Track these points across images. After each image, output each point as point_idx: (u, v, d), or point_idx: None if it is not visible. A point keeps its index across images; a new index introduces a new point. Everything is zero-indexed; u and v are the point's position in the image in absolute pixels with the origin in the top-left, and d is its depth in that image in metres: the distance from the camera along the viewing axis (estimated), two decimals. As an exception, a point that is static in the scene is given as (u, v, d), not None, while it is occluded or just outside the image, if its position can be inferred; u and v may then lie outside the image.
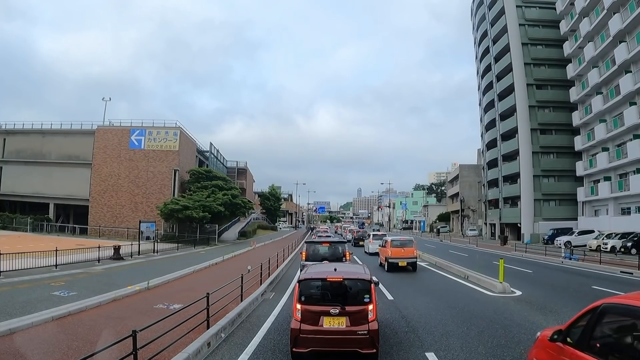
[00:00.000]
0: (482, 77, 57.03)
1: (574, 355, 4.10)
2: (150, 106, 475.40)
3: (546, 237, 39.21)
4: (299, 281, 6.92)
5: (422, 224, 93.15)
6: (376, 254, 24.93)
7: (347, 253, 14.46)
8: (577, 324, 4.37)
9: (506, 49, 48.24)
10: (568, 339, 4.33)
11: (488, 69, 53.96)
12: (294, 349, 6.41)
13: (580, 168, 40.65)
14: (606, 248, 27.97)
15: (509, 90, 47.95)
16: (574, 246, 28.83)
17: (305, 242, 16.73)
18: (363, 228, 64.88)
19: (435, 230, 71.95)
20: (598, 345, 3.99)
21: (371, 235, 30.88)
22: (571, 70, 42.13)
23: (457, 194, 70.56)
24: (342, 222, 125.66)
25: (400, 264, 18.87)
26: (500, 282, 13.45)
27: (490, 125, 54.30)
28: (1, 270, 15.11)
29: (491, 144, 54.34)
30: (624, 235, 29.05)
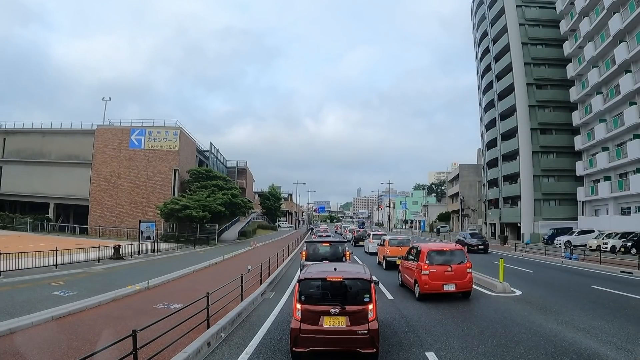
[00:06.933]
0: (482, 77, 56.98)
1: (403, 262, 14.08)
2: (162, 109, 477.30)
3: (546, 236, 39.19)
4: (299, 281, 6.92)
5: (422, 223, 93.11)
6: (376, 253, 25.05)
7: (347, 253, 14.46)
8: (407, 253, 13.99)
9: (506, 49, 48.20)
10: (404, 256, 14.15)
11: (488, 68, 53.92)
12: (294, 349, 6.41)
13: (580, 168, 40.64)
14: (606, 248, 27.94)
15: (509, 89, 47.92)
16: (574, 246, 28.80)
17: (305, 241, 16.72)
18: (363, 228, 64.85)
19: (435, 230, 71.91)
20: (407, 255, 14.01)
21: (371, 235, 30.91)
22: (571, 70, 42.11)
23: (457, 194, 70.53)
24: (342, 222, 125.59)
25: (397, 262, 19.19)
26: (501, 282, 13.44)
27: (490, 125, 54.26)
28: (1, 270, 15.11)
29: (491, 144, 54.31)
30: (624, 235, 29.03)
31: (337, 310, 6.37)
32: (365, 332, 6.29)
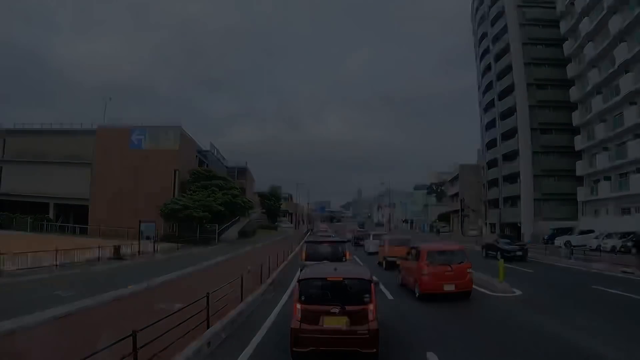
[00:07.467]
0: (482, 77, 56.99)
1: (403, 262, 14.26)
2: (163, 110, 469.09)
3: (546, 236, 39.13)
4: (299, 281, 6.91)
5: (422, 223, 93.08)
6: (376, 253, 25.07)
7: (347, 253, 14.44)
8: (407, 253, 14.18)
9: (506, 49, 48.21)
10: (404, 257, 14.36)
11: (488, 68, 53.93)
12: (294, 349, 6.41)
13: (581, 168, 40.61)
14: (606, 248, 27.91)
15: (509, 89, 47.92)
16: (574, 246, 28.72)
17: (305, 242, 16.70)
18: (363, 228, 64.83)
19: (435, 230, 71.89)
20: (407, 255, 14.14)
21: (371, 235, 30.95)
22: (571, 70, 42.10)
23: (457, 194, 70.48)
24: (342, 222, 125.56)
25: (397, 262, 19.20)
26: (501, 282, 13.43)
27: (490, 125, 54.26)
28: (2, 269, 15.11)
29: (491, 144, 54.30)
30: (624, 235, 28.95)
31: (337, 310, 6.37)
32: (366, 332, 6.29)
